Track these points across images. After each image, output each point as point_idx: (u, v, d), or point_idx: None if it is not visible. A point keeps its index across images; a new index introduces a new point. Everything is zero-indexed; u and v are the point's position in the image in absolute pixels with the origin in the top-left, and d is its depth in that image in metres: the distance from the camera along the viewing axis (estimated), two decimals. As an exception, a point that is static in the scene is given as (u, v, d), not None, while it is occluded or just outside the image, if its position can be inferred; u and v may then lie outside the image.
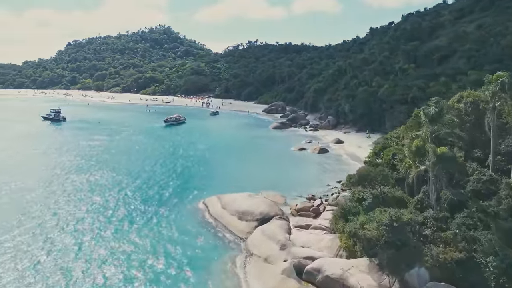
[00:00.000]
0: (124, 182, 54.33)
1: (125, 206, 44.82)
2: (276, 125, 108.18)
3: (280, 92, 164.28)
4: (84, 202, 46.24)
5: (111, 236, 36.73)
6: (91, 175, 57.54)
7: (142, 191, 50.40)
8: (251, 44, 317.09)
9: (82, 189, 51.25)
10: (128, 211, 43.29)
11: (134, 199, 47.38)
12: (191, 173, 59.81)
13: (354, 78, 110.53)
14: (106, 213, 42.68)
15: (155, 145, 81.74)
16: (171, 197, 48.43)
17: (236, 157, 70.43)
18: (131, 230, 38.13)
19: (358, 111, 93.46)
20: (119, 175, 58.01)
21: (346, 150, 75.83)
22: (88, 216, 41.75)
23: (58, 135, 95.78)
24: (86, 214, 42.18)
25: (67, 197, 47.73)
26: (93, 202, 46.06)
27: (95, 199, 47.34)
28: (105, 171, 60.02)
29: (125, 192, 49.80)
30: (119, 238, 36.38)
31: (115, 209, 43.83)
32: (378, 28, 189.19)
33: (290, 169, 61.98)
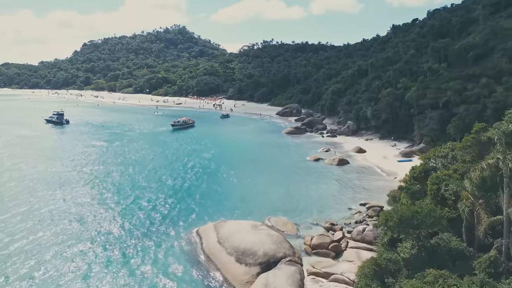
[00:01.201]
0: (111, 202, 46.54)
1: (106, 237, 36.90)
2: (289, 130, 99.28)
3: (295, 93, 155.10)
4: (52, 231, 38.59)
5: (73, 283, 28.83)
6: (72, 192, 49.97)
7: (129, 215, 42.43)
8: (266, 44, 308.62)
9: (53, 213, 43.66)
10: (108, 244, 35.33)
11: (118, 226, 39.43)
12: (191, 190, 51.60)
13: (377, 79, 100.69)
14: (77, 247, 34.85)
15: (156, 154, 74.08)
16: (162, 223, 40.33)
17: (243, 169, 61.98)
18: (105, 273, 30.16)
19: (381, 116, 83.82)
20: (107, 192, 50.32)
21: (369, 162, 66.46)
22: (51, 253, 34.02)
23: (53, 140, 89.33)
24: (48, 254, 34.44)
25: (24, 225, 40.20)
26: (64, 231, 38.35)
27: (69, 227, 39.63)
28: (92, 187, 52.43)
29: (110, 216, 41.95)
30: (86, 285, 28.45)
31: (93, 241, 35.98)
32: (400, 25, 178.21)
33: (304, 185, 53.18)
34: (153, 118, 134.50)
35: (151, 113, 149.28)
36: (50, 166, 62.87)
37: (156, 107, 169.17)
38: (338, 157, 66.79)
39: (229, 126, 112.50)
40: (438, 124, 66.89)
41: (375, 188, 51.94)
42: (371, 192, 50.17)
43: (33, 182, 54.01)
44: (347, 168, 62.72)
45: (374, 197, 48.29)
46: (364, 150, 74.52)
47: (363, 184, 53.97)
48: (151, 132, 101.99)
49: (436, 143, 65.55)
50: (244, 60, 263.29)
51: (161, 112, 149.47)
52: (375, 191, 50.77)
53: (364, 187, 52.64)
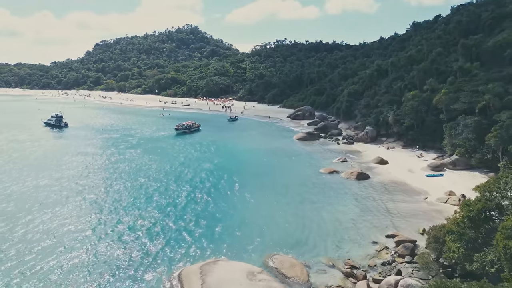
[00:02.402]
0: (84, 232, 38.87)
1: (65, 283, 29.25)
2: (301, 136, 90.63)
3: (308, 95, 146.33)
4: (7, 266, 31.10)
5: None
6: (37, 217, 42.53)
7: (100, 252, 34.53)
8: (279, 43, 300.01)
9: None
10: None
11: (83, 269, 31.72)
12: (184, 213, 43.56)
13: (399, 80, 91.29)
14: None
15: (151, 164, 66.43)
16: (141, 261, 32.41)
17: (247, 185, 53.76)
18: None
19: (405, 122, 74.54)
20: (81, 218, 42.74)
21: (393, 176, 57.47)
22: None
23: (46, 146, 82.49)
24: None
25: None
26: (15, 270, 30.82)
27: (25, 267, 32.10)
28: (70, 208, 44.96)
29: (78, 253, 34.30)
30: None
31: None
32: (421, 22, 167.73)
33: (317, 206, 44.70)
34: (158, 121, 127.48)
35: (156, 115, 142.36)
36: (30, 181, 55.75)
37: (163, 108, 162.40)
38: (357, 170, 57.97)
39: (237, 131, 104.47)
40: (475, 133, 57.55)
41: (403, 211, 43.17)
42: (398, 218, 41.44)
43: (6, 202, 46.88)
44: (367, 184, 53.91)
45: (403, 224, 39.63)
46: (385, 161, 65.52)
47: (388, 206, 45.18)
48: (152, 137, 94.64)
49: (472, 155, 56.36)
50: (256, 60, 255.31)
51: (167, 114, 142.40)
52: (403, 216, 42.03)
53: (389, 210, 43.89)
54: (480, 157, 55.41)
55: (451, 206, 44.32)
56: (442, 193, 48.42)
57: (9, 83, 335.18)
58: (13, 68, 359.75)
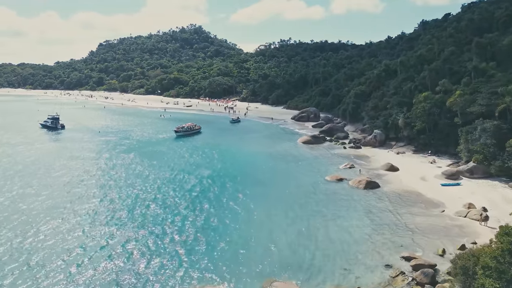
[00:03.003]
0: (68, 253, 35.15)
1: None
2: (306, 139, 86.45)
3: (313, 95, 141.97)
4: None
5: None
6: (18, 234, 38.85)
7: (82, 277, 30.81)
8: (284, 43, 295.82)
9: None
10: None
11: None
12: (181, 229, 39.65)
13: (408, 81, 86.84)
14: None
15: (146, 171, 62.69)
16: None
17: (248, 195, 49.80)
18: None
19: (416, 125, 70.11)
20: (68, 233, 39.04)
21: (405, 185, 53.20)
22: None
23: (39, 150, 79.08)
24: None
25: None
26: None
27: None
28: (49, 226, 41.28)
29: (59, 277, 30.59)
30: None
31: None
32: (429, 21, 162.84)
33: (322, 220, 40.64)
34: (158, 122, 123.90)
35: (157, 116, 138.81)
36: (16, 190, 52.22)
37: (164, 109, 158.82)
38: (366, 178, 53.75)
39: (239, 133, 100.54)
40: (494, 138, 53.15)
41: (418, 227, 38.96)
42: (414, 235, 37.27)
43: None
44: (377, 194, 49.70)
45: (419, 243, 35.43)
46: (396, 167, 61.21)
47: (401, 220, 40.98)
48: (150, 140, 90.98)
49: (491, 162, 51.99)
50: (260, 60, 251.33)
51: (168, 116, 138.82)
52: (418, 232, 37.85)
53: (403, 225, 39.70)
54: (500, 164, 51.01)
55: (472, 221, 40.12)
56: (460, 206, 44.12)
57: (12, 83, 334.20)
58: (16, 68, 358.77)
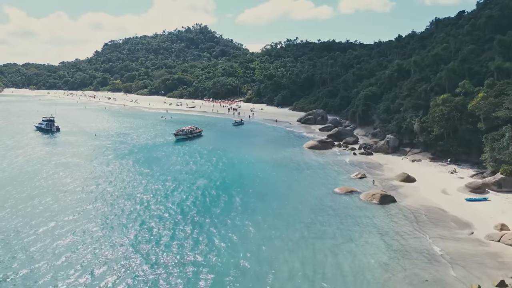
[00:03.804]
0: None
1: None
2: (312, 144, 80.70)
3: (320, 97, 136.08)
4: None
5: None
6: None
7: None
8: (290, 43, 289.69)
9: None
10: None
11: None
12: (165, 256, 34.34)
13: (423, 82, 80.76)
14: None
15: (139, 180, 57.52)
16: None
17: (248, 210, 44.35)
18: None
19: (433, 130, 64.10)
20: (36, 259, 33.85)
21: (424, 199, 47.35)
22: None
23: (28, 155, 74.38)
24: None
25: None
26: None
27: None
28: (22, 246, 36.15)
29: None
30: None
31: None
32: (442, 19, 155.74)
33: (332, 247, 34.97)
34: (158, 124, 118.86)
35: (158, 118, 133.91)
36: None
37: (166, 111, 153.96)
38: (380, 192, 47.95)
39: (241, 137, 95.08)
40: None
41: (444, 255, 33.29)
42: (440, 265, 31.57)
43: None
44: (393, 210, 43.91)
45: (447, 278, 29.71)
46: (412, 178, 55.29)
47: (422, 244, 35.22)
48: (147, 144, 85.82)
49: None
50: (265, 60, 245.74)
51: (169, 117, 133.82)
52: (445, 262, 32.12)
53: (426, 251, 33.93)
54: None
55: (507, 246, 34.25)
56: (491, 226, 38.23)
57: (16, 83, 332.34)
58: (21, 68, 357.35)
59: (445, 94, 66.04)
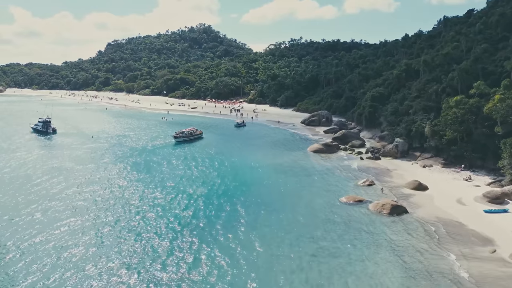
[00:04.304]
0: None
1: None
2: (317, 147, 77.20)
3: (325, 97, 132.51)
4: None
5: None
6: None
7: None
8: (294, 42, 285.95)
9: None
10: None
11: None
12: (155, 283, 31.12)
13: (434, 82, 77.03)
14: None
15: (130, 187, 54.40)
16: None
17: (243, 222, 41.02)
18: None
19: (445, 134, 60.44)
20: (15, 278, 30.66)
21: (438, 210, 43.75)
22: None
23: (19, 158, 71.46)
24: None
25: None
26: None
27: None
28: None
29: None
30: None
31: None
32: (450, 18, 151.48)
33: (339, 267, 31.50)
34: (158, 126, 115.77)
35: (158, 119, 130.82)
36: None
37: (167, 111, 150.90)
38: (390, 202, 44.40)
39: (243, 139, 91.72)
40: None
41: (465, 277, 29.68)
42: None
43: None
44: (406, 223, 40.35)
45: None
46: (424, 185, 51.69)
47: (440, 265, 31.65)
48: (145, 147, 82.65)
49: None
50: (269, 60, 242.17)
51: (170, 119, 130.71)
52: (467, 286, 28.49)
53: (445, 272, 30.39)
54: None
55: (536, 268, 30.66)
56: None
57: (18, 83, 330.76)
58: (24, 68, 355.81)
59: (458, 96, 62.32)
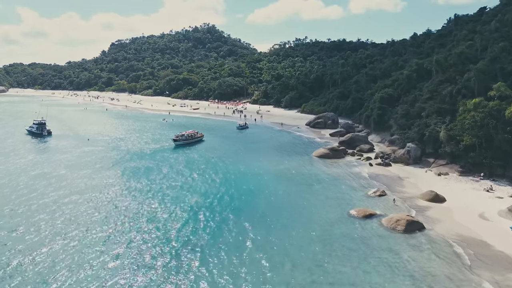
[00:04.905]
0: None
1: None
2: (323, 152, 72.71)
3: (331, 98, 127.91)
4: None
5: None
6: None
7: None
8: (299, 42, 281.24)
9: None
10: None
11: None
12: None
13: (447, 83, 72.27)
14: None
15: (120, 197, 50.38)
16: None
17: (244, 242, 36.75)
18: None
19: (463, 139, 55.77)
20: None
21: (460, 226, 39.16)
22: None
23: (7, 163, 67.85)
24: None
25: None
26: None
27: None
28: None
29: None
30: None
31: None
32: (461, 16, 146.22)
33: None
34: (158, 128, 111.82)
35: (159, 120, 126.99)
36: None
37: (169, 112, 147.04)
38: (405, 217, 39.82)
39: (245, 142, 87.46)
40: None
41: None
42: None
43: None
44: (423, 242, 35.83)
45: None
46: (442, 197, 47.07)
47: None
48: (142, 151, 78.62)
49: None
50: (274, 60, 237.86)
51: (171, 120, 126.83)
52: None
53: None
54: None
55: None
56: (553, 270, 30.06)
57: (21, 83, 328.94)
58: (27, 68, 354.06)
59: (476, 98, 57.61)
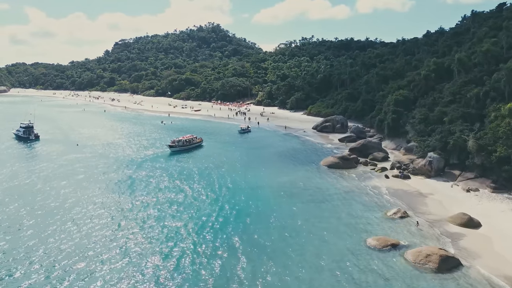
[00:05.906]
0: None
1: None
2: (332, 161, 65.31)
3: (339, 100, 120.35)
4: None
5: None
6: None
7: None
8: (306, 41, 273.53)
9: None
10: None
11: None
12: None
13: (472, 85, 64.60)
14: None
15: (100, 217, 43.48)
16: None
17: (239, 279, 29.62)
18: None
19: (496, 150, 48.17)
20: None
21: (506, 261, 31.69)
22: None
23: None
24: None
25: None
26: None
27: None
28: None
29: None
30: None
31: None
32: (478, 12, 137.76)
33: None
34: (155, 131, 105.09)
35: (157, 123, 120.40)
36: None
37: (168, 114, 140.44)
38: (437, 252, 32.39)
39: (247, 148, 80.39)
40: None
41: None
42: None
43: None
44: (465, 285, 28.45)
45: None
46: (476, 221, 39.54)
47: None
48: (133, 159, 71.82)
49: None
50: (279, 59, 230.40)
51: (169, 123, 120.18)
52: None
53: None
54: None
55: None
56: None
57: (23, 83, 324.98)
58: (29, 68, 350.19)
59: (510, 102, 49.99)
